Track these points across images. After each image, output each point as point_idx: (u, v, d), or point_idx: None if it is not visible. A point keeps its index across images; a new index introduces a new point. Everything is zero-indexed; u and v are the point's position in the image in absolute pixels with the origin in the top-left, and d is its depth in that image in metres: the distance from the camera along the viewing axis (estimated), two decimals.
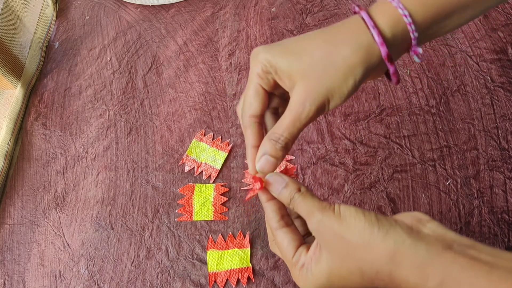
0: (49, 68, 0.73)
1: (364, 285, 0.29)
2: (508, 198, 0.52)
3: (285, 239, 0.34)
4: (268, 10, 0.73)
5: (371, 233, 0.28)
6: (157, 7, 0.77)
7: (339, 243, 0.29)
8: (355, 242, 0.29)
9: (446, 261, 0.26)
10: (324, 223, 0.30)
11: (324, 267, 0.30)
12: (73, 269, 0.55)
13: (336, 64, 0.31)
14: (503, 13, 0.65)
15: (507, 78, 0.60)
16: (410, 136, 0.58)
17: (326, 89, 0.32)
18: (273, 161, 0.34)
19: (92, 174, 0.61)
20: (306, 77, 0.32)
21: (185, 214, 0.56)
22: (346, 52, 0.31)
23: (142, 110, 0.66)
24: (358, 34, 0.31)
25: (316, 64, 0.32)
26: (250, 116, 0.35)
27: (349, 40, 0.31)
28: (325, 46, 0.32)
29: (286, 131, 0.33)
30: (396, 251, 0.27)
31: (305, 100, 0.32)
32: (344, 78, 0.31)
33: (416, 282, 0.27)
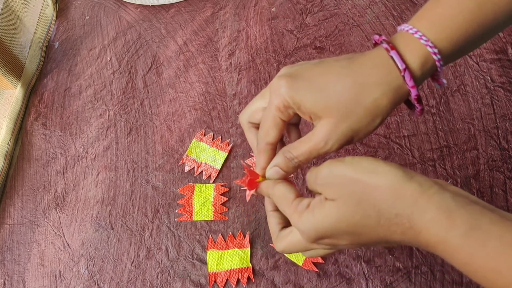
0: (49, 68, 0.73)
1: (379, 231, 0.28)
2: (508, 198, 0.52)
3: (283, 188, 0.33)
4: (268, 10, 0.73)
5: (395, 175, 0.27)
6: (157, 7, 0.77)
7: (354, 186, 0.28)
8: (374, 183, 0.27)
9: (475, 212, 0.25)
10: (334, 173, 0.29)
11: (332, 213, 0.29)
12: (73, 269, 0.55)
13: (364, 106, 0.31)
14: None
15: (507, 78, 0.60)
16: (410, 136, 0.58)
17: (352, 130, 0.31)
18: (282, 174, 0.34)
19: (92, 174, 0.61)
20: (332, 116, 0.31)
21: (185, 214, 0.56)
22: (376, 94, 0.31)
23: (142, 110, 0.66)
24: (388, 75, 0.31)
25: (344, 105, 0.31)
26: (267, 144, 0.35)
27: (379, 83, 0.31)
28: (353, 86, 0.31)
29: (302, 156, 0.33)
30: (422, 194, 0.26)
31: (328, 138, 0.32)
32: (372, 119, 0.31)
33: (438, 229, 0.26)
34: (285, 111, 0.33)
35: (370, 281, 0.49)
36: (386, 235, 0.28)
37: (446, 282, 0.48)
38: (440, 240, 0.26)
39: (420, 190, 0.26)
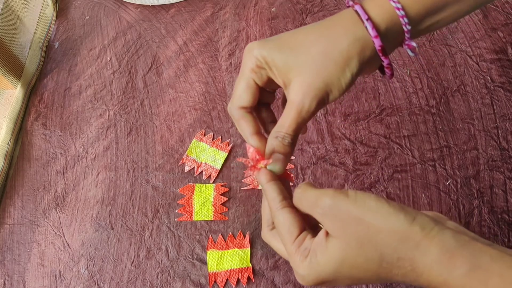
0: (49, 68, 0.73)
1: (380, 273, 0.28)
2: (508, 198, 0.52)
3: (288, 219, 0.31)
4: (268, 10, 0.73)
5: (397, 218, 0.27)
6: (157, 7, 0.77)
7: (358, 226, 0.27)
8: (378, 225, 0.27)
9: (475, 250, 0.26)
10: (338, 207, 0.28)
11: (335, 255, 0.28)
12: (73, 269, 0.55)
13: (333, 58, 0.31)
14: (503, 12, 0.65)
15: (507, 78, 0.60)
16: (410, 136, 0.58)
17: (324, 84, 0.32)
18: (283, 158, 0.33)
19: (92, 174, 0.61)
20: (303, 73, 0.32)
21: (185, 214, 0.56)
22: (343, 46, 0.31)
23: (142, 110, 0.66)
24: (353, 27, 0.32)
25: (313, 59, 0.32)
26: (240, 107, 0.34)
27: (344, 34, 0.32)
28: (321, 41, 0.32)
29: (289, 128, 0.32)
30: (424, 237, 0.26)
31: (304, 97, 0.32)
32: (341, 71, 0.31)
33: (441, 270, 0.26)
34: (258, 72, 0.33)
35: None
36: (387, 277, 0.28)
37: None
38: (442, 281, 0.26)
39: (422, 233, 0.26)
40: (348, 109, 0.61)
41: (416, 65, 0.63)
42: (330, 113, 0.61)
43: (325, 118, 0.60)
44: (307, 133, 0.60)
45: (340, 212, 0.28)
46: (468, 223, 0.51)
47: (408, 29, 0.32)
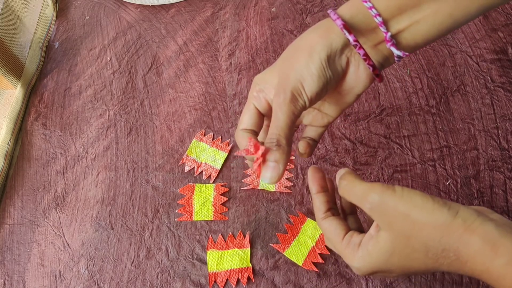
0: (49, 68, 0.73)
1: (427, 262, 0.29)
2: (508, 198, 0.52)
3: (332, 225, 0.34)
4: (268, 10, 0.73)
5: (441, 212, 0.28)
6: (157, 7, 0.77)
7: (404, 221, 0.29)
8: (423, 221, 0.29)
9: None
10: (386, 203, 0.30)
11: (385, 247, 0.30)
12: (73, 269, 0.55)
13: (300, 48, 0.33)
14: (503, 13, 0.65)
15: (507, 78, 0.60)
16: (410, 136, 0.58)
17: (295, 72, 0.32)
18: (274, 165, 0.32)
19: (92, 174, 0.61)
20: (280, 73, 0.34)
21: (185, 214, 0.56)
22: (308, 36, 0.33)
23: (142, 110, 0.66)
24: (324, 22, 0.34)
25: (286, 57, 0.34)
26: (242, 130, 0.35)
27: (312, 29, 0.34)
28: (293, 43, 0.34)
29: (274, 129, 0.33)
30: (466, 229, 0.28)
31: (279, 91, 0.33)
32: (308, 57, 0.32)
33: (484, 259, 0.27)
34: (258, 96, 0.35)
35: (370, 281, 0.49)
36: (434, 266, 0.30)
37: (446, 282, 0.48)
38: (485, 269, 0.27)
39: (464, 225, 0.28)
40: (348, 109, 0.61)
41: (416, 65, 0.63)
42: None
43: None
44: None
45: (388, 208, 0.30)
46: None
47: (380, 21, 0.32)
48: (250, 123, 0.35)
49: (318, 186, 0.37)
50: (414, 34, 0.33)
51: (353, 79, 0.35)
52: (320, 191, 0.36)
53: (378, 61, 0.34)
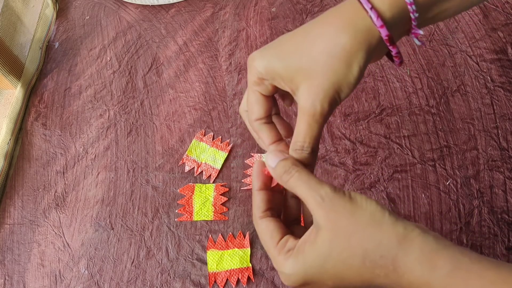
0: (49, 68, 0.73)
1: (362, 272, 0.28)
2: (508, 198, 0.52)
3: (269, 226, 0.32)
4: (268, 10, 0.73)
5: (383, 215, 0.28)
6: (157, 7, 0.77)
7: (347, 220, 0.28)
8: (365, 221, 0.28)
9: (455, 252, 0.26)
10: (336, 199, 0.29)
11: (323, 249, 0.28)
12: (73, 269, 0.55)
13: (337, 55, 0.30)
14: (503, 13, 0.65)
15: (507, 78, 0.60)
16: (410, 136, 0.58)
17: (333, 84, 0.30)
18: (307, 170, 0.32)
19: (92, 174, 0.61)
20: (309, 77, 0.30)
21: (185, 214, 0.56)
22: (345, 40, 0.29)
23: (142, 110, 0.66)
24: (354, 18, 0.30)
25: (316, 60, 0.30)
26: (256, 120, 0.34)
27: (346, 27, 0.30)
28: (321, 38, 0.30)
29: (306, 137, 0.31)
30: (406, 236, 0.27)
31: (314, 101, 0.30)
32: (348, 67, 0.30)
33: (423, 271, 0.26)
34: (262, 84, 0.33)
35: None
36: (369, 278, 0.28)
37: None
38: (424, 282, 0.26)
39: (404, 232, 0.27)
40: (348, 109, 0.61)
41: (416, 65, 0.63)
42: None
43: None
44: None
45: (337, 204, 0.29)
46: (468, 223, 0.51)
47: (415, 16, 0.30)
48: (261, 111, 0.34)
49: (261, 183, 0.34)
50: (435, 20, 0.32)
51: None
52: (263, 189, 0.33)
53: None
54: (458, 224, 0.51)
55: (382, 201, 0.54)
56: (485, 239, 0.50)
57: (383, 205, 0.29)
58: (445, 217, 0.52)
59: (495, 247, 0.50)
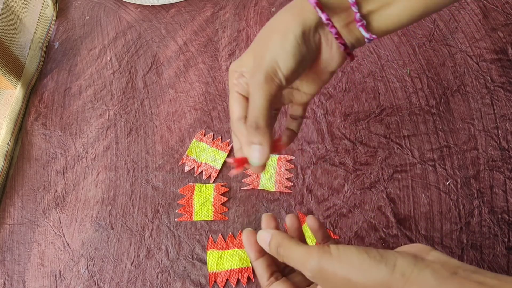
0: (49, 68, 0.73)
1: None
2: (508, 198, 0.52)
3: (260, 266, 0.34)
4: (268, 10, 0.73)
5: (379, 270, 0.28)
6: (157, 7, 0.77)
7: (346, 286, 0.28)
8: (363, 282, 0.28)
9: (453, 286, 0.26)
10: (325, 269, 0.29)
11: None
12: (73, 269, 0.55)
13: (274, 28, 0.33)
14: (503, 13, 0.65)
15: (507, 78, 0.60)
16: (410, 136, 0.58)
17: (269, 52, 0.32)
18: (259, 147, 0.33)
19: (92, 174, 0.61)
20: (255, 55, 0.33)
21: (185, 214, 0.56)
22: (282, 16, 0.33)
23: (142, 110, 0.66)
24: (293, 2, 0.33)
25: (261, 38, 0.34)
26: (237, 119, 0.35)
27: (284, 9, 0.34)
28: (267, 24, 0.34)
29: (252, 111, 0.33)
30: (405, 282, 0.27)
31: (254, 72, 0.32)
32: (283, 36, 0.32)
33: None
34: (238, 83, 0.34)
35: None
36: None
37: None
38: None
39: (403, 279, 0.27)
40: (348, 109, 0.61)
41: (416, 65, 0.63)
42: (330, 113, 0.61)
43: (325, 118, 0.60)
44: (307, 133, 0.60)
45: (328, 274, 0.29)
46: (468, 223, 0.51)
47: (352, 0, 0.32)
48: (240, 111, 0.35)
49: (255, 252, 0.35)
50: (385, 17, 0.33)
51: (327, 58, 0.35)
52: (259, 257, 0.35)
53: (349, 41, 0.34)
54: (458, 224, 0.51)
55: (382, 201, 0.54)
56: (485, 239, 0.50)
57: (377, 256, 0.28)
58: (445, 217, 0.52)
59: (495, 247, 0.50)
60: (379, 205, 0.54)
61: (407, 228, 0.52)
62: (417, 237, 0.51)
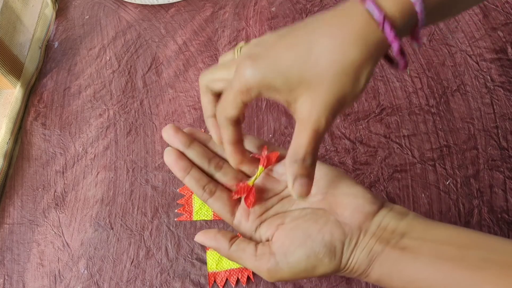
0: (48, 67, 0.73)
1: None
2: (508, 198, 0.52)
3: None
4: (268, 9, 0.73)
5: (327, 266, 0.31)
6: (156, 6, 0.77)
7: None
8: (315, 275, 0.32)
9: (381, 260, 0.30)
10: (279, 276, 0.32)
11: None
12: (72, 269, 0.55)
13: (345, 70, 0.28)
14: (503, 12, 0.65)
15: (507, 77, 0.60)
16: (410, 136, 0.58)
17: (338, 97, 0.29)
18: (307, 182, 0.31)
19: (92, 174, 0.61)
20: (313, 90, 0.29)
21: (184, 214, 0.56)
22: (355, 54, 0.28)
23: (142, 110, 0.66)
24: (365, 30, 0.28)
25: (321, 74, 0.28)
26: (226, 118, 0.34)
27: (356, 41, 0.28)
28: (328, 53, 0.28)
29: (308, 148, 0.30)
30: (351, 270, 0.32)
31: (318, 114, 0.29)
32: (356, 80, 0.28)
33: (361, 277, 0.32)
34: (247, 94, 0.31)
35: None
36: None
37: None
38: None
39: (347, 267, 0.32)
40: (348, 108, 0.61)
41: (416, 65, 0.63)
42: None
43: None
44: None
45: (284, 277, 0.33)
46: (468, 223, 0.51)
47: (422, 24, 0.29)
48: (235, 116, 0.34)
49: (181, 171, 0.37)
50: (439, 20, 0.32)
51: None
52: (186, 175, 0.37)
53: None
54: (458, 224, 0.51)
55: None
56: None
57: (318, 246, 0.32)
58: (445, 217, 0.52)
59: None
60: None
61: None
62: None
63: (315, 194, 0.34)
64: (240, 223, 0.35)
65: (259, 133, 0.60)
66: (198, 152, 0.38)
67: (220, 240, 0.34)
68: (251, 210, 0.35)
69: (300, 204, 0.35)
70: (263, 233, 0.35)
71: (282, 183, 0.37)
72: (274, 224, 0.34)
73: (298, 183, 0.31)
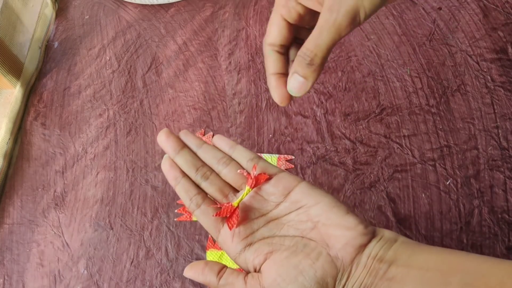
0: (48, 67, 0.73)
1: None
2: (508, 198, 0.52)
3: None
4: (268, 9, 0.73)
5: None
6: (156, 6, 0.77)
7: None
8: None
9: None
10: None
11: None
12: (72, 269, 0.55)
13: None
14: (503, 12, 0.65)
15: (507, 77, 0.60)
16: (410, 136, 0.57)
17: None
18: (302, 81, 0.30)
19: (92, 174, 0.61)
20: None
21: (184, 214, 0.56)
22: None
23: (142, 110, 0.66)
24: None
25: None
26: (269, 44, 0.33)
27: None
28: None
29: (312, 43, 0.29)
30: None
31: (333, 5, 0.28)
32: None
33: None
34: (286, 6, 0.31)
35: None
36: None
37: None
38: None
39: None
40: (348, 108, 0.61)
41: (416, 65, 0.63)
42: (330, 113, 0.61)
43: (325, 117, 0.60)
44: (307, 132, 0.59)
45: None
46: (469, 223, 0.51)
47: None
48: (278, 37, 0.32)
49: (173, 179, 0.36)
50: None
51: None
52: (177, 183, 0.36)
53: None
54: (459, 224, 0.51)
55: (382, 201, 0.54)
56: (485, 239, 0.50)
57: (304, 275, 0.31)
58: (445, 217, 0.52)
59: (495, 247, 0.49)
60: (379, 205, 0.54)
61: (407, 227, 0.52)
62: (417, 237, 0.51)
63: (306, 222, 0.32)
64: (224, 242, 0.33)
65: (259, 133, 0.60)
66: (187, 160, 0.36)
67: (208, 274, 0.33)
68: (235, 231, 0.33)
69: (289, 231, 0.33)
70: (249, 259, 0.32)
71: (270, 203, 0.34)
72: (262, 252, 0.32)
73: (295, 79, 0.31)
